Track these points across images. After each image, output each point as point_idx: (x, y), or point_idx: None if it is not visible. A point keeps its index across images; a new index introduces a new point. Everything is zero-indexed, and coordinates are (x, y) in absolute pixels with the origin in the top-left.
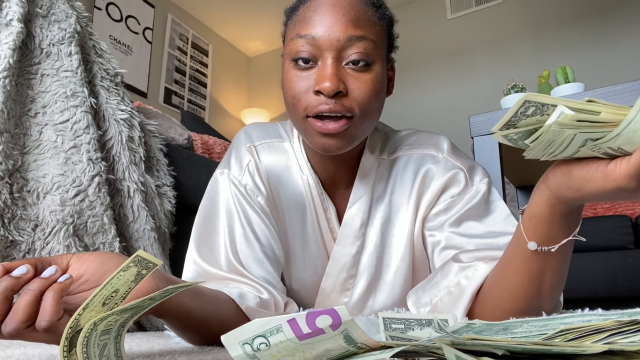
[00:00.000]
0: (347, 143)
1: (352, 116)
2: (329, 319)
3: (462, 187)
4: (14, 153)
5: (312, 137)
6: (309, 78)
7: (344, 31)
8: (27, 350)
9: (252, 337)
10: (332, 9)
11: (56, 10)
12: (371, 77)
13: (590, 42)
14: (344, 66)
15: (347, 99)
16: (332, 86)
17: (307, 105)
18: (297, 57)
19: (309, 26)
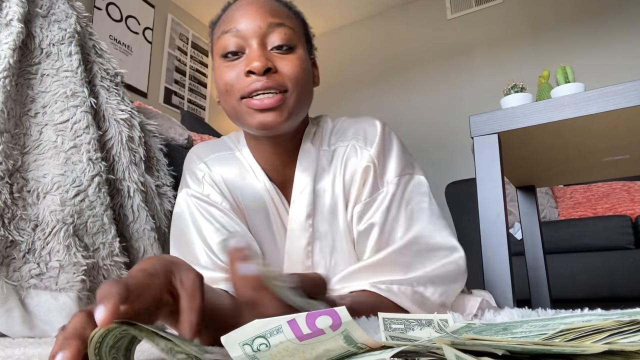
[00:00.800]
0: (284, 118)
1: (285, 90)
2: (329, 320)
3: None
4: (14, 153)
5: (250, 117)
6: (239, 65)
7: (264, 19)
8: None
9: (252, 337)
10: (250, 6)
11: (56, 10)
12: (296, 57)
13: (590, 42)
14: (270, 50)
15: (278, 75)
16: (261, 64)
17: (240, 87)
18: (225, 51)
19: (231, 22)
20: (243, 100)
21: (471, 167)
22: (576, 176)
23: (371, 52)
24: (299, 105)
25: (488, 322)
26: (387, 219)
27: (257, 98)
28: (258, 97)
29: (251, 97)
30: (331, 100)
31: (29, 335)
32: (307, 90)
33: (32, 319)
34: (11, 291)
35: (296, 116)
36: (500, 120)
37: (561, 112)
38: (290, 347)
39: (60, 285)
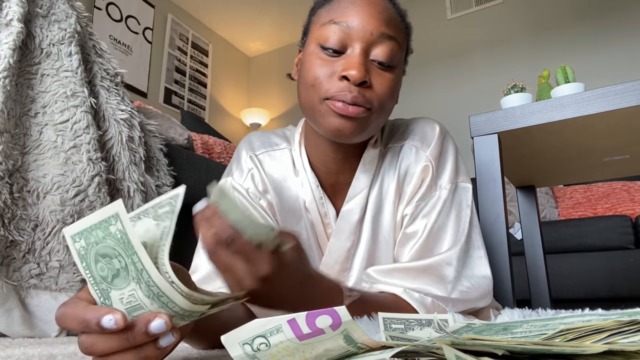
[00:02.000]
0: (361, 130)
1: (370, 108)
2: (329, 319)
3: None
4: (14, 153)
5: (327, 119)
6: (335, 64)
7: (378, 27)
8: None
9: (252, 337)
10: (369, 5)
11: (56, 10)
12: (392, 77)
13: (590, 42)
14: (370, 60)
15: (369, 92)
16: (359, 74)
17: (329, 88)
18: (326, 42)
19: (345, 15)
20: (326, 101)
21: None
22: (576, 176)
23: None
24: (375, 125)
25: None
26: (435, 226)
27: (343, 103)
28: (344, 103)
29: (336, 100)
30: None
31: (29, 335)
32: (389, 110)
33: (32, 319)
34: (11, 291)
35: (370, 132)
36: (500, 120)
37: (561, 112)
38: (290, 346)
39: (60, 285)
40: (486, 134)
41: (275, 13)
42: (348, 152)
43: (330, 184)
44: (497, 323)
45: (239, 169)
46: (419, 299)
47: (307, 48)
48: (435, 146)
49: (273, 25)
